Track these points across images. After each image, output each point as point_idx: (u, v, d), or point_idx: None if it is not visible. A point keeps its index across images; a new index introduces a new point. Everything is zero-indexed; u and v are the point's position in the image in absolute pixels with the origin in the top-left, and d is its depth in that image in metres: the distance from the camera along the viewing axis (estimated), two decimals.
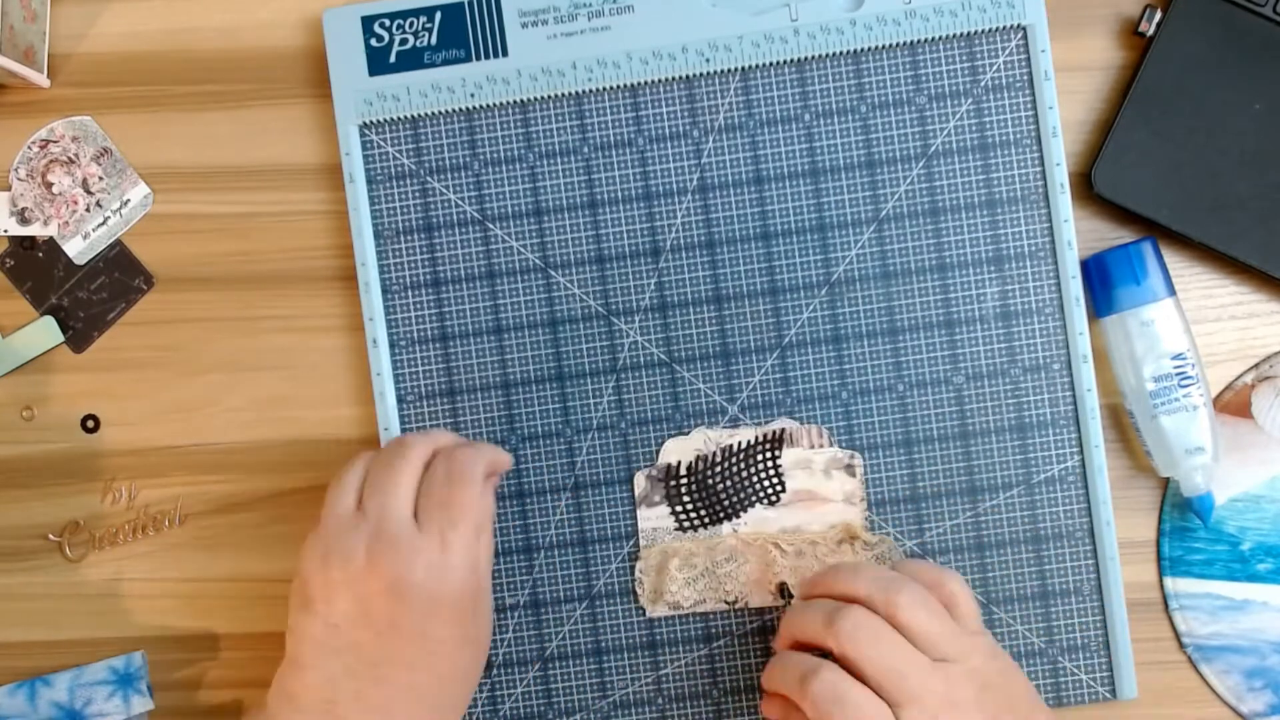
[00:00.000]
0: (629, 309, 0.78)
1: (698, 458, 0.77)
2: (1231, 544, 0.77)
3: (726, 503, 0.77)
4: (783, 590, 0.76)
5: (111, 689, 0.79)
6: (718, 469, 0.77)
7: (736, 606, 0.77)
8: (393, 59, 0.77)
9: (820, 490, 0.77)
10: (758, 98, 0.77)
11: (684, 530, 0.77)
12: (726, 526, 0.77)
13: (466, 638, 0.68)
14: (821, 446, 0.77)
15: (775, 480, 0.77)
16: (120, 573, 0.80)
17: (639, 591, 0.77)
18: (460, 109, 0.78)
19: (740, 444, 0.77)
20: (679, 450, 0.77)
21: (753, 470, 0.77)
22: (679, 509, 0.77)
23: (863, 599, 0.66)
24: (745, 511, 0.77)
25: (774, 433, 0.77)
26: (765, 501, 0.77)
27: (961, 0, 0.76)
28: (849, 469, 0.77)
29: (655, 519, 0.77)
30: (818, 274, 0.77)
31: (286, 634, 0.68)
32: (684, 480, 0.77)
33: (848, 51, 0.77)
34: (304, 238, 0.80)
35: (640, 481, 0.77)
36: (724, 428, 0.77)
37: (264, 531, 0.80)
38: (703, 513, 0.77)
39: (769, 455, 0.77)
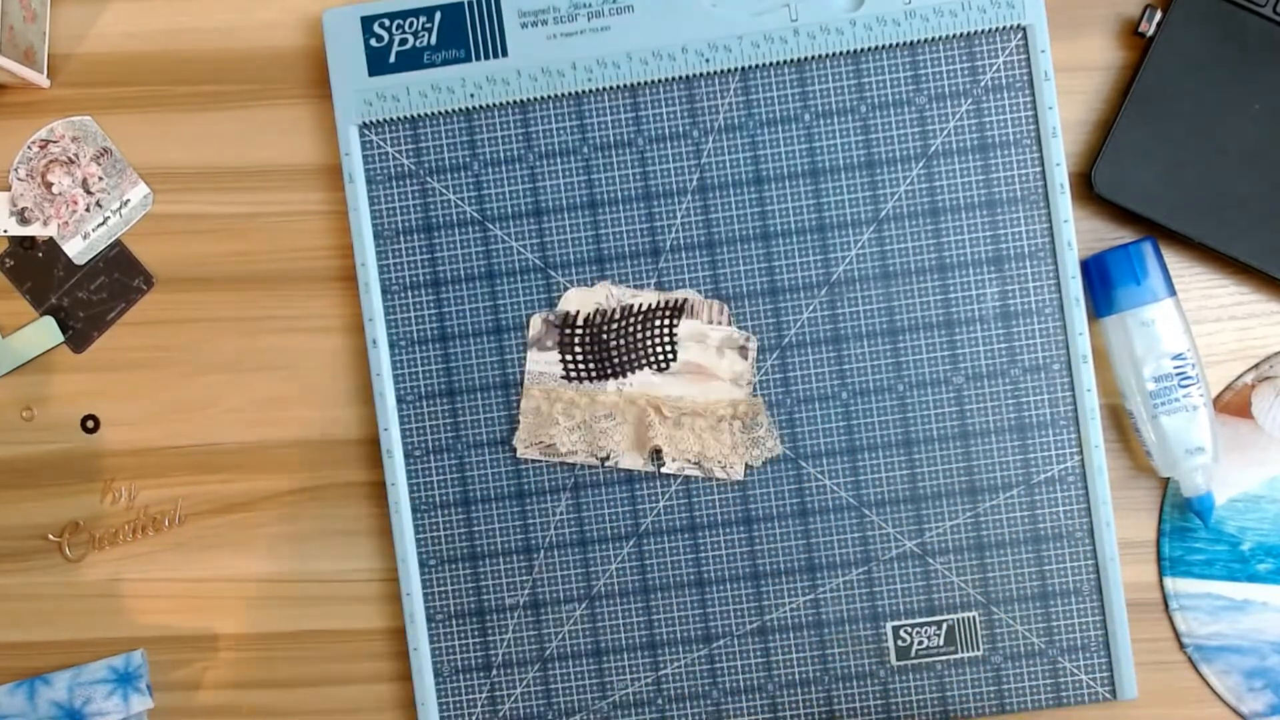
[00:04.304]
0: None
1: (597, 311, 0.77)
2: (1231, 544, 0.77)
3: (616, 360, 0.77)
4: (655, 455, 0.76)
5: (111, 688, 0.79)
6: (614, 326, 0.76)
7: (607, 465, 0.77)
8: (392, 59, 0.78)
9: (710, 366, 0.76)
10: (758, 98, 0.77)
11: (569, 379, 0.77)
12: (612, 384, 0.77)
13: None
14: (720, 324, 0.76)
15: (668, 347, 0.76)
16: (120, 573, 0.80)
17: (516, 433, 0.77)
18: (460, 109, 0.78)
19: (641, 306, 0.76)
20: (580, 300, 0.77)
21: (648, 333, 0.76)
22: (569, 358, 0.77)
23: None
24: (633, 373, 0.77)
25: (676, 301, 0.76)
26: (654, 367, 0.77)
27: (961, 0, 0.76)
28: (742, 350, 0.76)
29: (544, 364, 0.77)
30: (818, 274, 0.77)
31: None
32: (579, 330, 0.77)
33: (848, 51, 0.77)
34: (304, 238, 0.80)
35: (536, 324, 0.77)
36: (630, 286, 0.76)
37: (264, 531, 0.80)
38: (591, 366, 0.77)
39: (666, 322, 0.76)
